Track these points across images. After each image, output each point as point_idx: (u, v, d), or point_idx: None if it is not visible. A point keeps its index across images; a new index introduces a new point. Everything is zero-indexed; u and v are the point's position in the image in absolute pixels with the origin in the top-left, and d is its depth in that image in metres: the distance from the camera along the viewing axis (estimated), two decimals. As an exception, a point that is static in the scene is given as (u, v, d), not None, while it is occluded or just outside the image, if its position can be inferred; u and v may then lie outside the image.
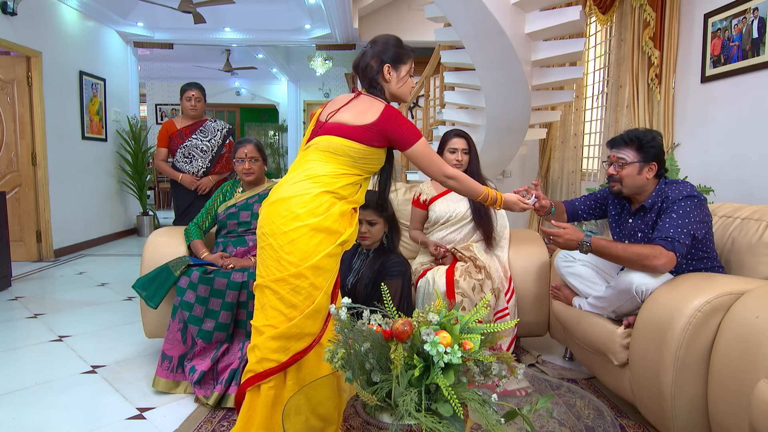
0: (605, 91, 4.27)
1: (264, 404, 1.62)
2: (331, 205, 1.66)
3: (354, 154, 1.68)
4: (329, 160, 1.69)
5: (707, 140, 3.04)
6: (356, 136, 1.68)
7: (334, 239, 1.66)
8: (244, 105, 12.58)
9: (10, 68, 5.03)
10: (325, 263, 1.64)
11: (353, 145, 1.68)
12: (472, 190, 1.87)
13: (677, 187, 1.99)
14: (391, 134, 1.71)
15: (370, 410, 1.18)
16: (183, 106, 3.52)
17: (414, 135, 1.73)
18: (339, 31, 6.94)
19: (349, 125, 1.70)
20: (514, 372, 1.26)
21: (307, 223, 1.61)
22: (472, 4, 2.99)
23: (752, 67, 2.67)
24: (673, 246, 1.86)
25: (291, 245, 1.60)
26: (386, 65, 1.78)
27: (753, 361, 1.43)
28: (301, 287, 1.60)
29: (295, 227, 1.60)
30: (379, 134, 1.69)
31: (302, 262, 1.60)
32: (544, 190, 5.13)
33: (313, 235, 1.62)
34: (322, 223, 1.62)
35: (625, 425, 2.01)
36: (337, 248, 1.68)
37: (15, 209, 5.07)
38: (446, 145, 2.63)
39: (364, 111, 1.72)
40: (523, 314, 2.60)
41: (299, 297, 1.61)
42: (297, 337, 1.62)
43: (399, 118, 1.72)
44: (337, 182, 1.68)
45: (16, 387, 2.33)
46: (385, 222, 2.26)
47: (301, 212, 1.61)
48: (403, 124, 1.72)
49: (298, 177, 1.68)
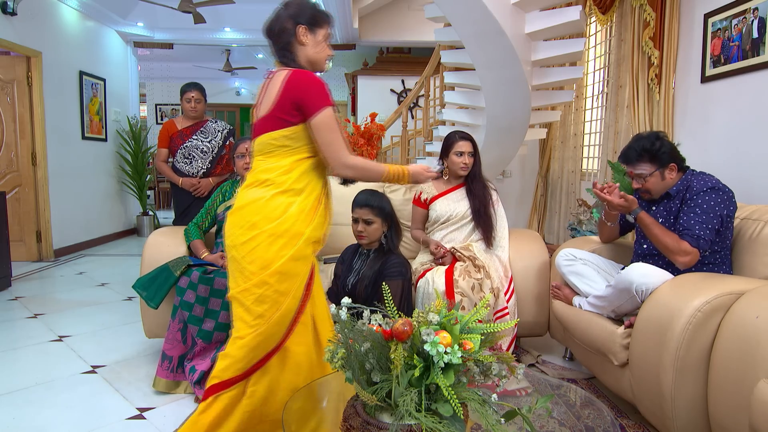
0: (605, 91, 4.27)
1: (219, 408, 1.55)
2: (288, 206, 1.58)
3: (286, 142, 1.59)
4: (270, 158, 1.61)
5: (707, 140, 3.04)
6: (276, 123, 1.59)
7: (297, 241, 1.58)
8: (244, 105, 12.57)
9: (10, 68, 5.03)
10: (289, 268, 1.57)
11: (280, 134, 1.59)
12: (374, 173, 1.70)
13: (702, 177, 2.03)
14: (298, 97, 1.56)
15: (370, 410, 1.18)
16: (183, 107, 3.51)
17: (325, 99, 1.57)
18: (339, 31, 6.94)
19: (266, 115, 1.61)
20: (514, 372, 1.26)
21: (264, 230, 1.55)
22: (472, 4, 2.99)
23: (752, 67, 2.67)
24: (698, 243, 1.92)
25: (251, 255, 1.55)
26: (301, 27, 1.65)
27: (753, 361, 1.43)
28: (265, 296, 1.54)
29: (253, 236, 1.55)
30: (289, 105, 1.56)
31: (263, 270, 1.54)
32: (543, 190, 5.13)
33: (272, 241, 1.55)
34: (280, 226, 1.56)
35: (625, 425, 2.01)
36: (304, 249, 1.60)
37: (15, 209, 5.07)
38: (452, 147, 2.63)
39: (272, 90, 1.60)
40: (523, 314, 2.60)
41: (264, 306, 1.54)
42: (264, 347, 1.57)
43: (311, 78, 1.58)
44: (289, 178, 1.59)
45: (16, 387, 2.33)
46: (383, 221, 2.25)
47: (257, 219, 1.56)
48: (315, 84, 1.57)
49: (253, 184, 1.62)
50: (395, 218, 2.30)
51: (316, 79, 1.59)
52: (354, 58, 9.53)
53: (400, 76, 8.34)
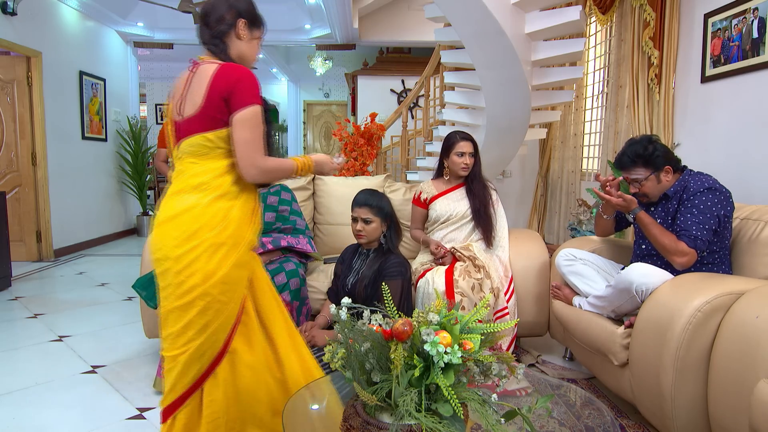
0: (605, 91, 4.27)
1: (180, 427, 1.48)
2: (228, 210, 1.48)
3: (222, 143, 1.49)
4: (204, 160, 1.49)
5: (707, 140, 3.04)
6: (210, 123, 1.47)
7: (240, 247, 1.48)
8: (244, 105, 12.58)
9: (10, 68, 5.03)
10: (233, 276, 1.46)
11: (215, 134, 1.48)
12: (284, 172, 1.59)
13: (699, 178, 2.03)
14: (227, 90, 1.45)
15: (370, 410, 1.18)
16: None
17: (254, 96, 1.47)
18: (339, 31, 6.94)
19: (197, 114, 1.48)
20: (514, 372, 1.26)
21: (205, 239, 1.43)
22: (472, 4, 2.99)
23: (752, 67, 2.67)
24: (695, 244, 1.92)
25: (191, 267, 1.41)
26: (242, 20, 1.57)
27: (753, 361, 1.43)
28: (207, 307, 1.43)
29: (192, 246, 1.42)
30: (219, 100, 1.45)
31: (206, 282, 1.42)
32: (543, 190, 5.13)
33: (214, 250, 1.43)
34: (222, 234, 1.45)
35: (625, 425, 2.01)
36: (246, 255, 1.52)
37: (15, 209, 5.07)
38: (453, 148, 2.63)
39: (199, 86, 1.48)
40: (523, 314, 2.60)
41: (206, 317, 1.43)
42: (209, 355, 1.47)
43: (243, 72, 1.48)
44: (224, 181, 1.49)
45: (16, 387, 2.33)
46: (382, 221, 2.25)
47: (196, 228, 1.43)
48: (246, 79, 1.47)
49: (184, 190, 1.48)
50: (395, 218, 2.30)
51: (250, 74, 1.49)
52: (354, 58, 9.53)
53: (400, 76, 8.34)
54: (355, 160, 5.23)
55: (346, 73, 9.52)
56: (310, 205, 3.16)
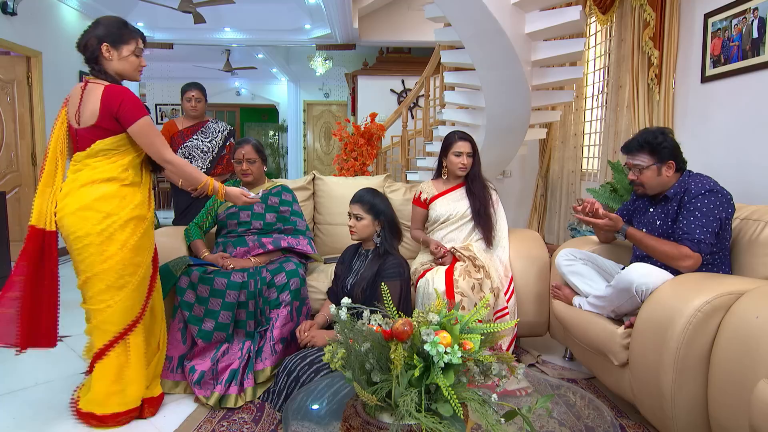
0: (605, 91, 4.27)
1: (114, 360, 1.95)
2: (134, 194, 1.95)
3: (117, 146, 1.91)
4: (110, 158, 1.91)
5: (707, 140, 3.04)
6: (105, 133, 1.88)
7: (144, 222, 1.97)
8: (244, 105, 12.57)
9: (10, 68, 5.03)
10: (142, 242, 1.96)
11: (111, 141, 1.89)
12: (191, 178, 2.05)
13: (700, 180, 2.02)
14: (115, 112, 1.85)
15: (370, 410, 1.18)
16: (184, 106, 3.51)
17: (138, 112, 1.87)
18: (339, 31, 6.94)
19: (94, 125, 1.88)
20: (514, 372, 1.26)
21: (119, 216, 1.89)
22: (472, 4, 2.99)
23: (752, 67, 2.66)
24: (699, 248, 1.92)
25: (110, 239, 1.88)
26: (104, 44, 1.89)
27: (753, 361, 1.43)
28: (124, 270, 1.91)
29: (110, 223, 1.88)
30: (110, 118, 1.86)
31: (122, 250, 1.90)
32: (543, 190, 5.13)
33: (126, 224, 1.91)
34: (131, 213, 1.92)
35: (625, 425, 2.01)
36: (150, 229, 2.01)
37: (15, 209, 5.07)
38: (451, 147, 2.63)
39: (92, 103, 1.87)
40: (523, 314, 2.60)
41: (124, 278, 1.91)
42: (133, 307, 1.96)
43: (122, 94, 1.86)
44: (129, 174, 1.94)
45: (16, 387, 2.33)
46: (374, 219, 2.24)
47: (110, 209, 1.88)
48: (127, 100, 1.85)
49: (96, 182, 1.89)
50: (394, 219, 2.29)
51: (126, 93, 1.87)
52: (354, 58, 9.53)
53: (400, 76, 8.34)
54: (355, 160, 5.23)
55: (346, 73, 9.52)
56: (310, 205, 3.16)
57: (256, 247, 2.52)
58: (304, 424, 1.42)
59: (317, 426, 1.43)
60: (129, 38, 1.95)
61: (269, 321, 2.30)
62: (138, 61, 1.99)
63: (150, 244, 2.04)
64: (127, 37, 1.94)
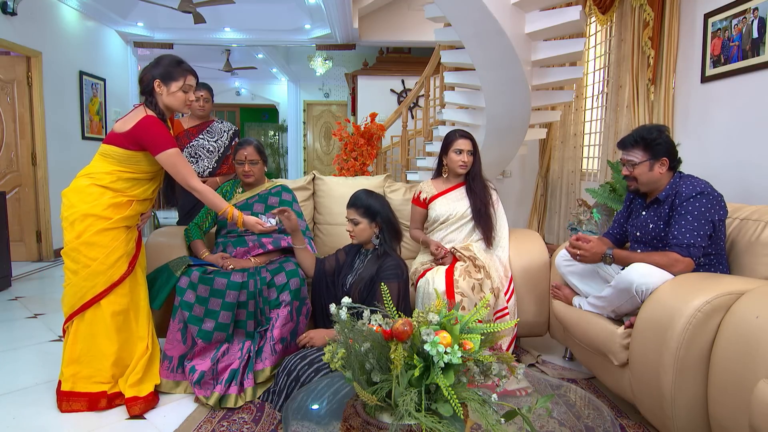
0: (605, 91, 4.27)
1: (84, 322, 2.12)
2: (101, 195, 2.08)
3: (114, 155, 2.09)
4: (102, 160, 2.12)
5: (707, 140, 3.04)
6: (116, 141, 2.09)
7: (104, 221, 2.07)
8: (244, 105, 12.57)
9: (10, 68, 5.03)
10: (96, 239, 2.07)
11: (112, 148, 2.09)
12: (213, 204, 2.22)
13: (691, 182, 2.01)
14: (141, 141, 2.07)
15: (370, 410, 1.18)
16: (191, 105, 3.50)
17: (161, 145, 2.06)
18: (339, 31, 6.94)
19: (114, 132, 2.11)
20: (514, 372, 1.26)
21: (79, 209, 2.06)
22: (472, 4, 2.99)
23: (752, 67, 2.67)
24: (689, 252, 1.91)
25: (71, 227, 2.07)
26: (156, 81, 2.13)
27: (753, 361, 1.43)
28: (77, 258, 2.08)
29: (71, 213, 2.07)
30: (132, 140, 2.08)
31: (76, 240, 2.06)
32: (543, 190, 5.13)
33: (83, 218, 2.06)
34: (92, 209, 2.06)
35: (625, 425, 2.01)
36: (112, 229, 2.09)
37: (15, 209, 5.07)
38: (451, 145, 2.63)
39: (128, 120, 2.10)
40: (523, 314, 2.60)
41: (78, 265, 2.08)
42: (81, 293, 2.09)
43: (151, 129, 2.07)
44: (108, 177, 2.09)
45: (16, 387, 2.33)
46: (370, 222, 2.23)
47: (75, 201, 2.07)
48: (154, 134, 2.06)
49: (82, 174, 2.13)
50: (391, 219, 2.28)
51: (153, 129, 2.06)
52: (354, 58, 9.53)
53: (400, 76, 8.33)
54: (355, 160, 5.23)
55: (346, 73, 9.52)
56: (310, 205, 3.16)
57: (256, 247, 2.52)
58: (304, 424, 1.42)
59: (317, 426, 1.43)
60: (179, 76, 2.15)
61: (269, 321, 2.30)
62: (185, 96, 2.18)
63: (112, 244, 2.11)
64: (177, 74, 2.14)
